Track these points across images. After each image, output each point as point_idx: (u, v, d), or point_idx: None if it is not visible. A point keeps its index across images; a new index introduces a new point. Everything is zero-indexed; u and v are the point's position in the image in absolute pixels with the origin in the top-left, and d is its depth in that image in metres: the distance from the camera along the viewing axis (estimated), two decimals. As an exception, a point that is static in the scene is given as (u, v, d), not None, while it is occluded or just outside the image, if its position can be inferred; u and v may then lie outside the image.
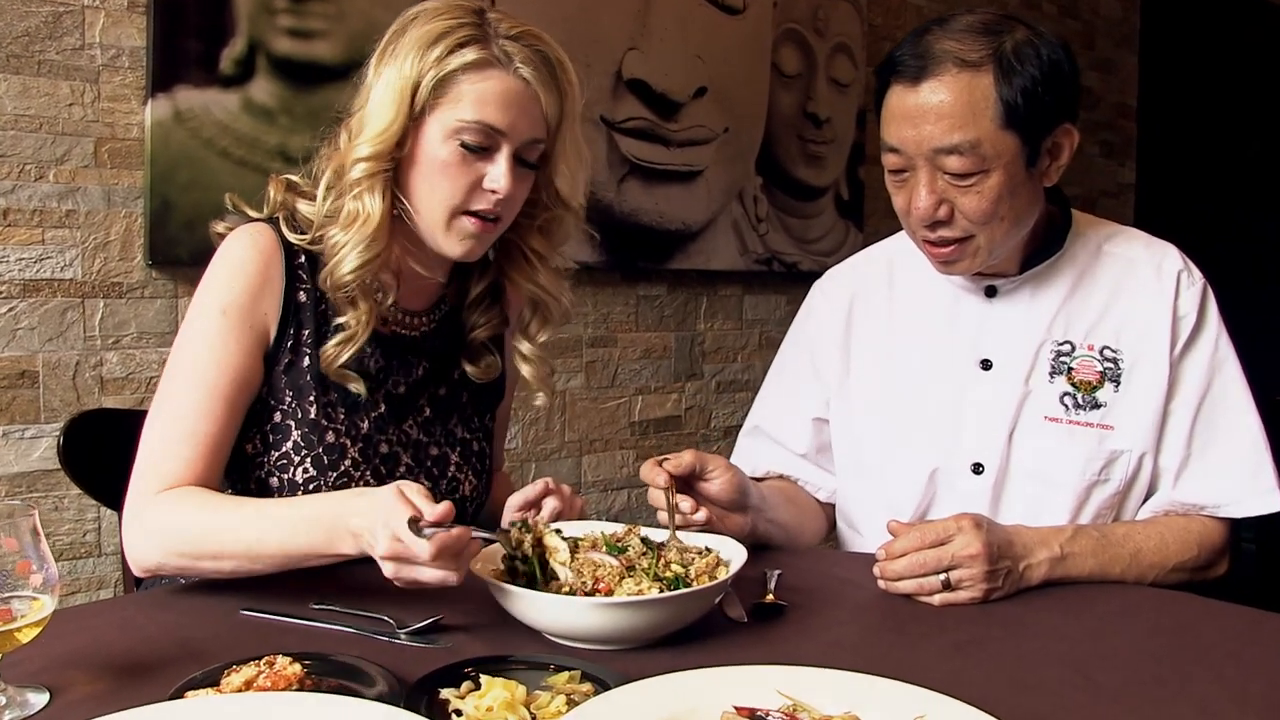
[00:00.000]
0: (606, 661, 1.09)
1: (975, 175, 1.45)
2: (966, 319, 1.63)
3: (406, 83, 1.36)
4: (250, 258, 1.40)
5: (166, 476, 1.33)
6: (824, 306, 1.78)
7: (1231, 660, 1.16)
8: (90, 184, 2.32)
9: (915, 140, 1.45)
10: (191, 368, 1.37)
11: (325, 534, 1.22)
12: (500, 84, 1.37)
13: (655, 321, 3.46)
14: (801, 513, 1.74)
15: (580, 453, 3.29)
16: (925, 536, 1.35)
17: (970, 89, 1.43)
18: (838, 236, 3.83)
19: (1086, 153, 5.01)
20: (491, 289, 1.58)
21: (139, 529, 1.32)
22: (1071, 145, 1.53)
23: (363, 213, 1.39)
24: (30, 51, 2.23)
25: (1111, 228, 1.67)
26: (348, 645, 1.14)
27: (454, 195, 1.39)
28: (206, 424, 1.36)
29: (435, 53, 1.36)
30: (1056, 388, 1.57)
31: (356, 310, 1.42)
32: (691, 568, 1.24)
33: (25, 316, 2.25)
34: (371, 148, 1.37)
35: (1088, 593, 1.40)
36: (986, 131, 1.43)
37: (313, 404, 1.43)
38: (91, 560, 2.33)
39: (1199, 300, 1.59)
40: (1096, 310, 1.60)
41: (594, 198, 3.19)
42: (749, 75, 3.58)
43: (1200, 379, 1.57)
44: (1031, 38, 1.47)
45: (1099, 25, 5.06)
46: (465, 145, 1.37)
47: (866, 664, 1.06)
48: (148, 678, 1.05)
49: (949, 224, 1.49)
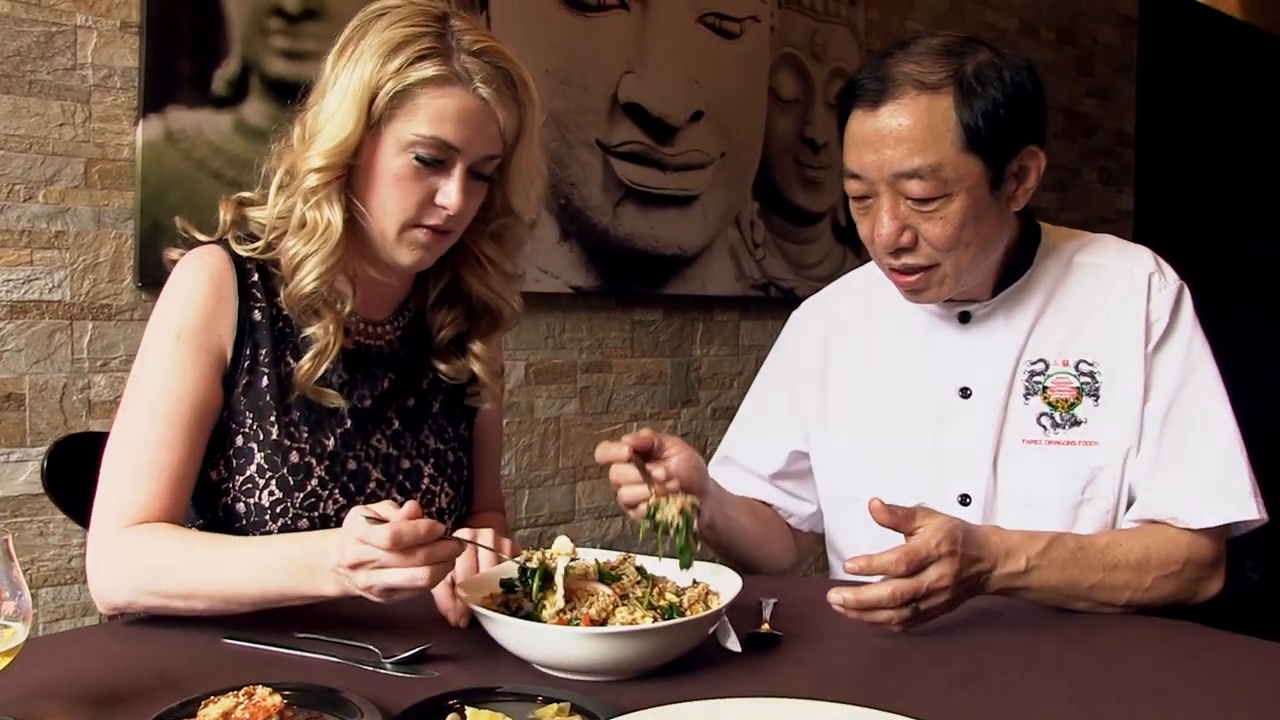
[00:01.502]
0: (598, 693, 1.06)
1: (937, 200, 1.42)
2: (943, 347, 1.60)
3: (364, 90, 1.34)
4: (201, 280, 1.38)
5: (132, 511, 1.30)
6: (801, 337, 1.76)
7: (1242, 694, 1.13)
8: (80, 205, 2.29)
9: (876, 165, 1.43)
10: (150, 397, 1.35)
11: (305, 575, 1.19)
12: (458, 101, 1.35)
13: (651, 347, 3.44)
14: (765, 527, 1.70)
15: (574, 479, 3.26)
16: (902, 562, 1.26)
17: (929, 112, 1.41)
18: (835, 262, 3.81)
19: (1085, 179, 5.00)
20: (451, 289, 1.55)
21: (106, 566, 1.30)
22: (1039, 168, 1.49)
23: (321, 222, 1.37)
24: (21, 71, 2.21)
25: (1083, 238, 1.63)
26: (332, 675, 1.10)
27: (405, 209, 1.38)
28: (168, 454, 1.33)
29: (395, 63, 1.34)
30: (1032, 409, 1.54)
31: (321, 321, 1.40)
32: (685, 597, 1.21)
33: (12, 338, 2.22)
34: (326, 158, 1.35)
35: (1090, 623, 1.37)
36: (947, 155, 1.41)
37: (274, 424, 1.40)
38: (77, 587, 2.30)
39: (1172, 302, 1.54)
40: (1070, 325, 1.55)
41: (588, 221, 3.18)
42: (746, 99, 3.57)
43: (1170, 381, 1.51)
44: (994, 59, 1.45)
45: (1097, 52, 5.07)
46: (420, 159, 1.35)
47: (863, 696, 1.03)
48: (124, 709, 1.02)
49: (913, 251, 1.46)
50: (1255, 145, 5.93)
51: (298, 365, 1.40)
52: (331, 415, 1.43)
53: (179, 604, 1.26)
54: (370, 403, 1.47)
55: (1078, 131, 4.94)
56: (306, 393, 1.40)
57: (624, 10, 3.22)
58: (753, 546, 1.64)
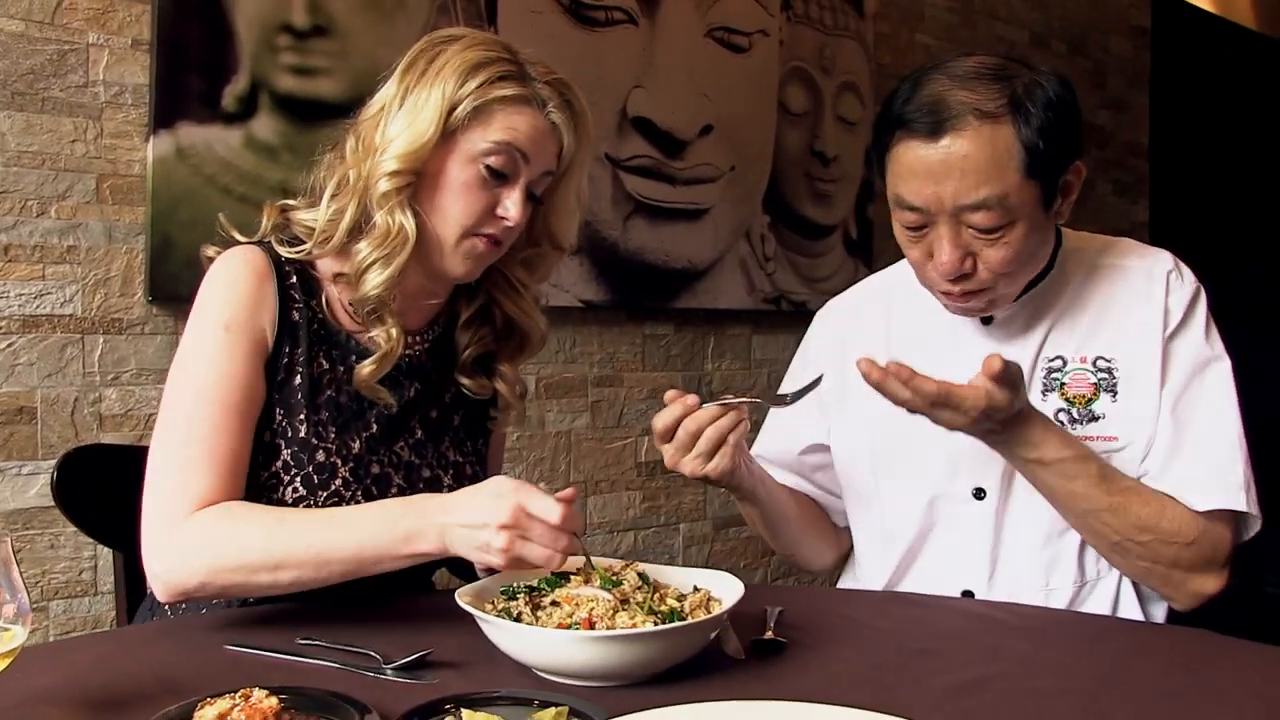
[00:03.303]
0: (598, 698, 1.05)
1: (1001, 229, 1.42)
2: (964, 347, 1.60)
3: (443, 102, 1.40)
4: (244, 275, 1.42)
5: (197, 496, 1.31)
6: (823, 334, 1.79)
7: (1254, 700, 1.11)
8: (92, 220, 2.31)
9: (937, 198, 1.41)
10: (202, 386, 1.37)
11: (405, 531, 1.26)
12: (531, 120, 1.43)
13: (662, 361, 3.43)
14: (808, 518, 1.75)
15: (586, 494, 3.25)
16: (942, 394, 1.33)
17: (993, 142, 1.40)
18: (846, 275, 3.79)
19: (1099, 191, 4.98)
20: (481, 311, 1.60)
21: (172, 551, 1.29)
22: (1079, 180, 1.51)
23: (395, 227, 1.41)
24: (34, 89, 2.24)
25: (1103, 241, 1.65)
26: (332, 680, 1.10)
27: (468, 216, 1.43)
28: (228, 440, 1.35)
29: (477, 80, 1.41)
30: (1050, 405, 1.54)
31: (384, 325, 1.45)
32: (686, 602, 1.20)
33: (24, 352, 2.23)
34: (401, 162, 1.40)
35: (1100, 629, 1.36)
36: (1012, 184, 1.40)
37: (303, 422, 1.42)
38: (88, 599, 2.30)
39: (1189, 299, 1.55)
40: (1088, 322, 1.56)
41: (599, 235, 3.18)
42: (755, 113, 3.57)
43: (1182, 372, 1.52)
44: (1036, 78, 1.45)
45: (1110, 64, 5.05)
46: (489, 169, 1.41)
47: (868, 701, 1.02)
48: (123, 713, 1.02)
49: (971, 276, 1.46)
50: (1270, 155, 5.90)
51: (358, 368, 1.44)
52: (358, 419, 1.46)
53: (264, 578, 1.28)
54: (396, 410, 1.50)
55: (1091, 143, 4.92)
56: (365, 393, 1.45)
57: (632, 25, 3.23)
58: (799, 534, 1.70)
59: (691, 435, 1.42)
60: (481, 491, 1.25)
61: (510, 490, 1.22)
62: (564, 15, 3.08)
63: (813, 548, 1.76)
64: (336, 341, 1.47)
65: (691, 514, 3.51)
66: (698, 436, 1.42)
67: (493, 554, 1.21)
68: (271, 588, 1.29)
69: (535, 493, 1.21)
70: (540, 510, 1.20)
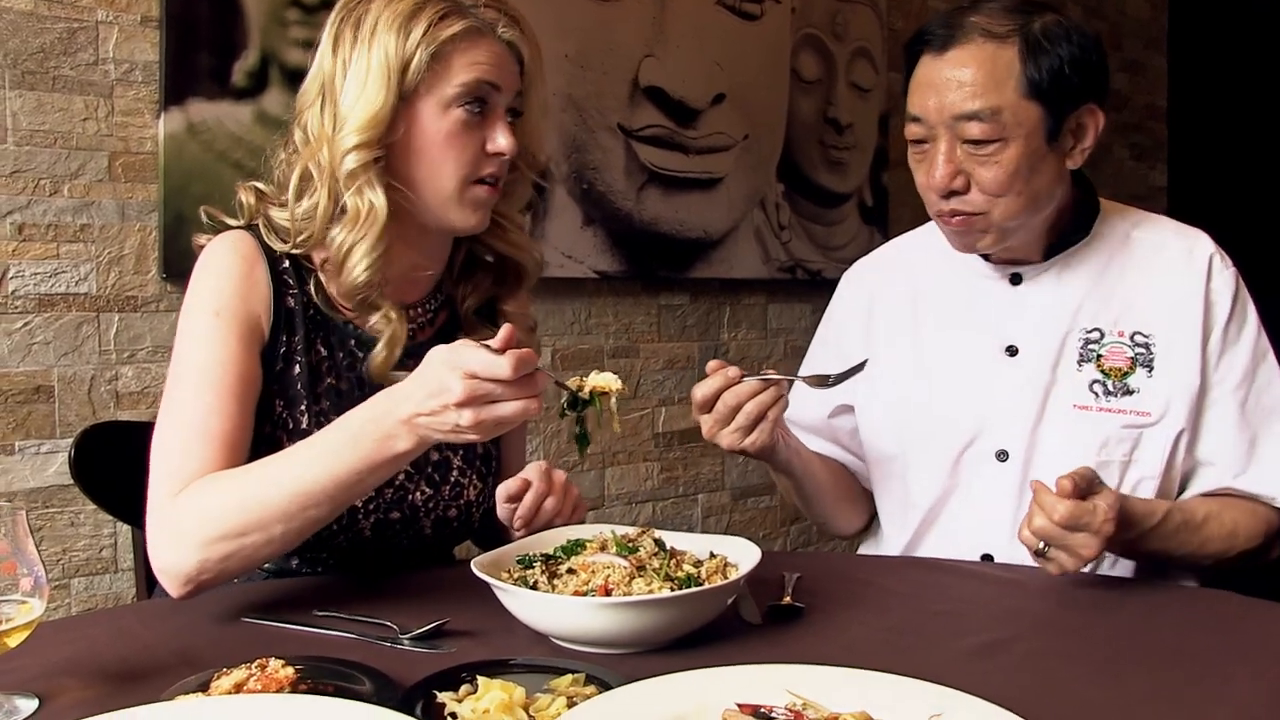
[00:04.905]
0: (615, 665, 1.05)
1: (994, 144, 1.44)
2: (992, 306, 1.60)
3: (393, 62, 1.34)
4: (233, 262, 1.37)
5: (187, 478, 1.26)
6: (849, 298, 1.79)
7: (1273, 660, 1.11)
8: (104, 198, 2.31)
9: (937, 107, 1.46)
10: (194, 372, 1.33)
11: (375, 440, 1.17)
12: (490, 48, 1.39)
13: (678, 331, 3.42)
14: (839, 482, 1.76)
15: (604, 465, 3.25)
16: (1072, 515, 1.28)
17: (994, 59, 1.44)
18: (862, 243, 3.77)
19: (1116, 155, 4.93)
20: (468, 261, 1.56)
21: (167, 536, 1.24)
22: (1097, 126, 1.51)
23: (365, 207, 1.36)
24: (45, 68, 2.23)
25: (1140, 215, 1.65)
26: (349, 650, 1.10)
27: (463, 164, 1.39)
28: (221, 421, 1.30)
29: (420, 28, 1.34)
30: (1085, 375, 1.54)
31: (380, 310, 1.40)
32: (703, 568, 1.19)
33: (40, 331, 2.24)
34: (362, 134, 1.34)
35: (1119, 589, 1.35)
36: (1008, 100, 1.44)
37: (304, 413, 1.39)
38: (108, 576, 2.32)
39: (1234, 287, 1.56)
40: (1125, 296, 1.56)
41: (613, 206, 3.17)
42: (768, 81, 3.54)
43: (1243, 368, 1.54)
44: (1061, 20, 1.48)
45: (1126, 26, 4.99)
46: (467, 108, 1.37)
47: (885, 664, 1.01)
48: (141, 684, 1.02)
49: (964, 196, 1.48)
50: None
51: (370, 356, 1.40)
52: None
53: (257, 537, 1.20)
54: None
55: (1108, 107, 4.87)
56: (380, 381, 1.38)
57: (643, -7, 3.20)
58: (833, 501, 1.72)
59: (731, 409, 1.41)
60: (425, 371, 1.15)
61: (449, 362, 1.12)
62: (574, -15, 3.06)
63: (844, 514, 1.77)
64: (334, 327, 1.43)
65: (710, 484, 3.51)
66: (737, 410, 1.41)
67: (466, 433, 1.13)
68: (270, 545, 1.22)
69: (474, 353, 1.11)
70: (489, 370, 1.10)
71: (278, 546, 1.23)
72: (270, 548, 1.22)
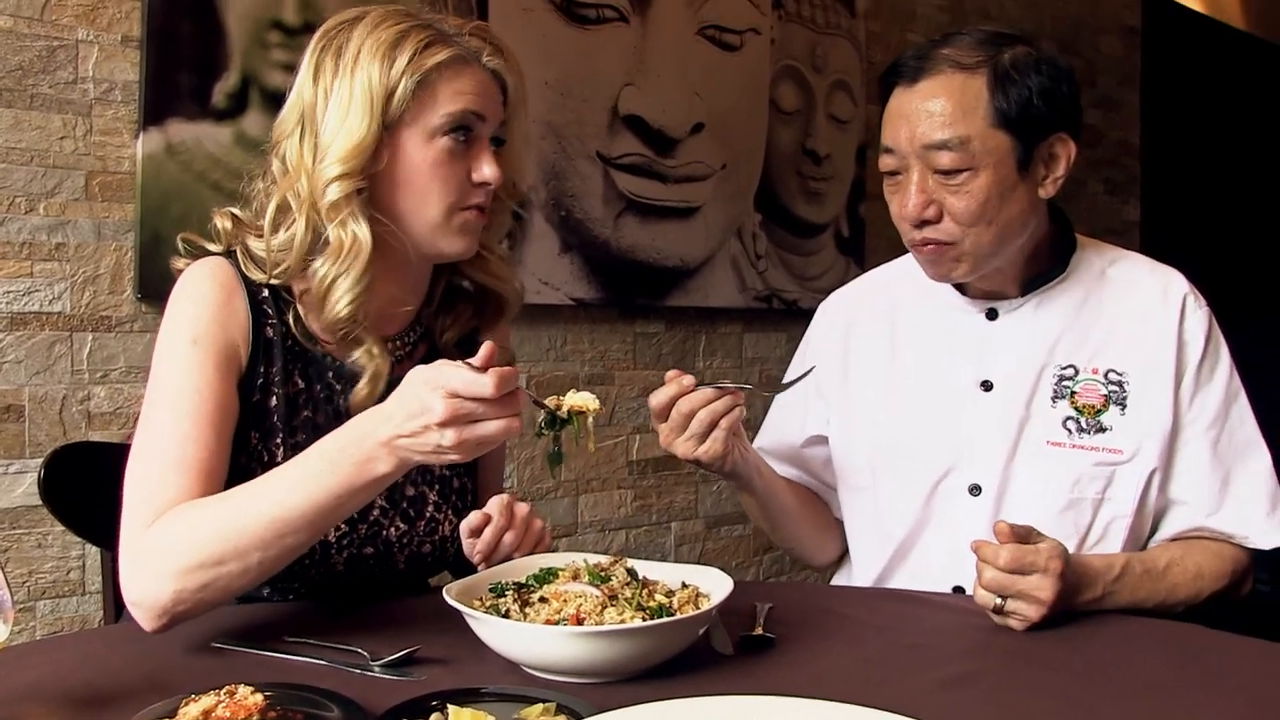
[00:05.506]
0: (586, 695, 1.04)
1: (964, 173, 1.46)
2: (967, 340, 1.61)
3: (377, 91, 1.33)
4: (211, 289, 1.35)
5: (162, 507, 1.23)
6: (825, 328, 1.80)
7: (1242, 693, 1.11)
8: (81, 217, 2.30)
9: (908, 138, 1.48)
10: (169, 401, 1.30)
11: (355, 464, 1.15)
12: (474, 76, 1.39)
13: (653, 359, 3.43)
14: (809, 510, 1.76)
15: (577, 492, 3.24)
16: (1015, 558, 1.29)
17: (963, 89, 1.46)
18: (838, 274, 3.80)
19: (1090, 190, 4.99)
20: (448, 292, 1.55)
21: (139, 569, 1.20)
22: (1069, 157, 1.53)
23: (349, 239, 1.34)
24: (23, 85, 2.23)
25: (1116, 252, 1.66)
26: (318, 677, 1.09)
27: (449, 194, 1.38)
28: (198, 450, 1.27)
29: (405, 56, 1.34)
30: (1059, 412, 1.55)
31: (364, 345, 1.39)
32: (675, 598, 1.19)
33: (12, 350, 2.22)
34: (345, 165, 1.33)
35: (1090, 623, 1.36)
36: (976, 129, 1.45)
37: (279, 446, 1.37)
38: (76, 599, 2.29)
39: (1207, 327, 1.58)
40: (1100, 333, 1.58)
41: (590, 233, 3.17)
42: (747, 111, 3.57)
43: (1216, 408, 1.56)
44: (1031, 52, 1.50)
45: (1100, 63, 5.06)
46: (453, 138, 1.37)
47: (856, 696, 1.01)
48: (108, 710, 1.01)
49: (936, 225, 1.49)
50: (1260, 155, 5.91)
51: (353, 392, 1.38)
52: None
53: (233, 566, 1.17)
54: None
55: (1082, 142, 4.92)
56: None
57: (624, 22, 3.23)
58: (799, 525, 1.72)
59: (685, 416, 1.42)
60: (406, 391, 1.13)
61: (430, 382, 1.11)
62: (555, 13, 3.08)
63: (814, 541, 1.77)
64: (312, 359, 1.41)
65: (683, 512, 3.51)
66: (691, 418, 1.41)
67: (448, 453, 1.12)
68: (247, 574, 1.18)
69: (456, 372, 1.10)
70: (471, 389, 1.09)
71: (254, 575, 1.20)
72: (247, 577, 1.19)
